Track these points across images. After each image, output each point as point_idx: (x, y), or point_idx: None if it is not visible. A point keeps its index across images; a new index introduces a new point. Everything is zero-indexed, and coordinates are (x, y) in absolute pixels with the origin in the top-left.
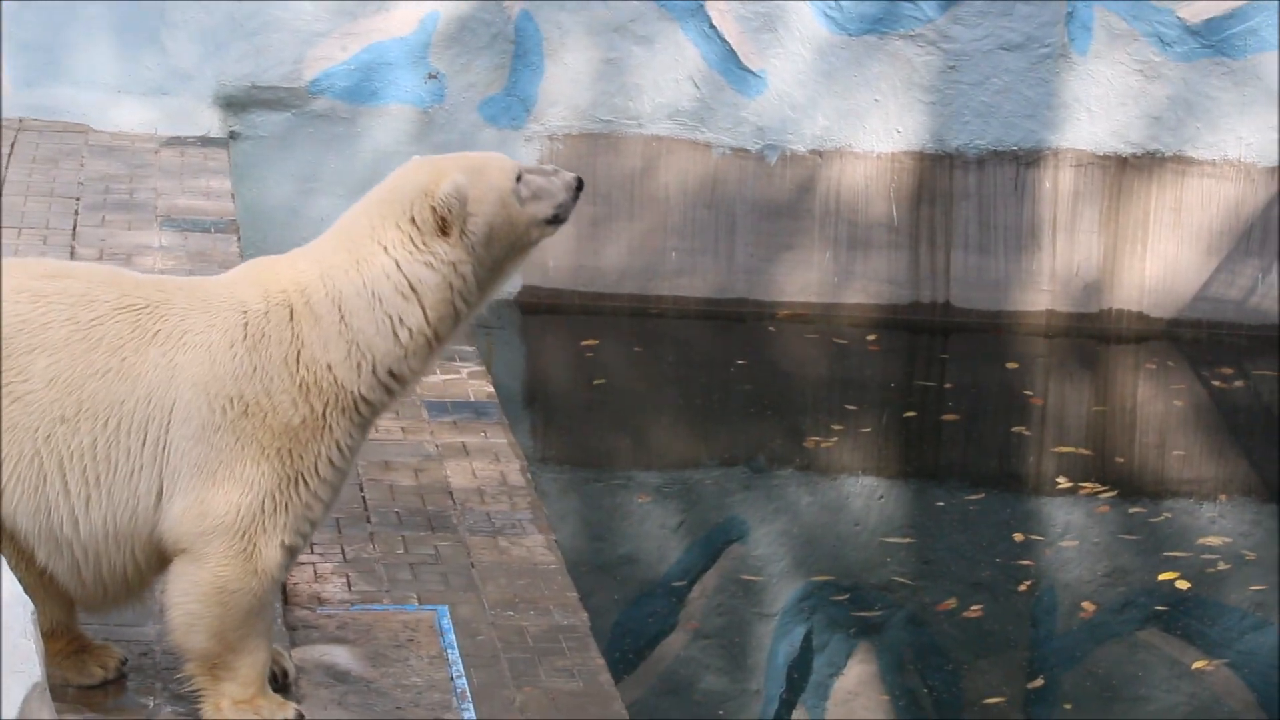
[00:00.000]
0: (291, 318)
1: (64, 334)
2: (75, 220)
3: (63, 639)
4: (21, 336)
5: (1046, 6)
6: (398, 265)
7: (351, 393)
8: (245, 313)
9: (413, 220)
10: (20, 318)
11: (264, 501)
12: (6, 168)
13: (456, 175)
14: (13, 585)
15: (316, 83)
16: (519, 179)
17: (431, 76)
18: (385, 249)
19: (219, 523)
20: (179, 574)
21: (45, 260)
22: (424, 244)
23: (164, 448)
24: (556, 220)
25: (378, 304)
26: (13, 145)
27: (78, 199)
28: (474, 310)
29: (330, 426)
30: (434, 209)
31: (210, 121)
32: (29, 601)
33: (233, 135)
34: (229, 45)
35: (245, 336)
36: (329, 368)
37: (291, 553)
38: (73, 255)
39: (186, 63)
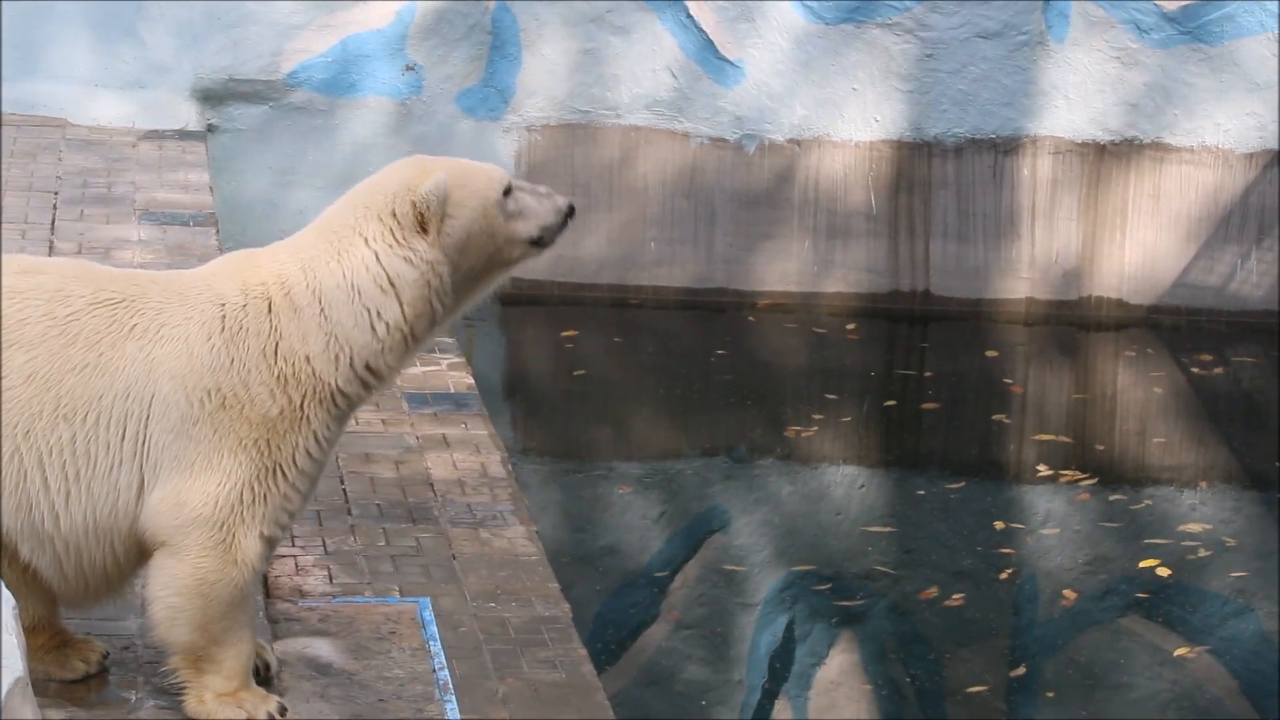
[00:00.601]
0: (270, 310)
1: (40, 330)
2: (54, 214)
3: (45, 634)
4: None
5: None
6: (377, 258)
7: (329, 385)
8: (223, 305)
9: (394, 214)
10: None
11: (241, 492)
12: None
13: (441, 174)
14: None
15: (294, 75)
16: (508, 193)
17: (409, 68)
18: (366, 241)
19: (196, 514)
20: (159, 567)
21: (16, 256)
22: (403, 239)
23: (143, 442)
24: (540, 243)
25: (357, 296)
26: None
27: (56, 193)
28: (451, 314)
29: (308, 418)
30: (414, 204)
31: (188, 115)
32: (10, 596)
33: (210, 128)
34: (206, 38)
35: (223, 329)
36: (307, 359)
37: (270, 543)
38: (51, 249)
39: (164, 56)
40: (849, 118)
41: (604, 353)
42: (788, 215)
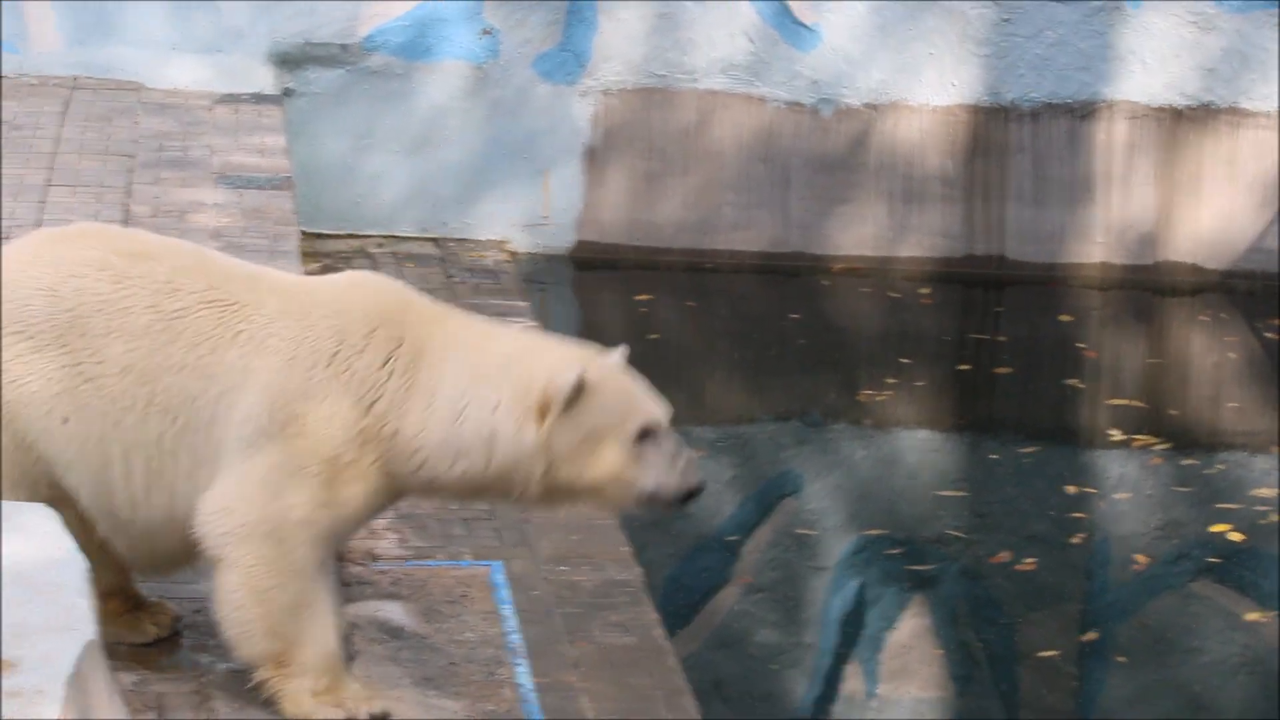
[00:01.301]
0: (385, 366)
1: (145, 321)
2: (130, 178)
3: (118, 598)
4: (100, 317)
5: None
6: (496, 409)
7: (395, 466)
8: (341, 341)
9: (529, 385)
10: (101, 297)
11: (289, 511)
12: (62, 126)
13: (586, 376)
14: (68, 544)
15: (370, 39)
16: (644, 435)
17: (486, 32)
18: (501, 386)
19: (241, 523)
20: (219, 586)
21: (129, 233)
22: (522, 412)
23: (221, 445)
24: (647, 500)
25: (460, 424)
26: (67, 104)
27: (132, 157)
28: (534, 501)
29: (370, 479)
30: (544, 388)
31: (264, 79)
32: (84, 560)
33: (287, 92)
34: (282, 2)
35: (330, 364)
36: (395, 433)
37: (318, 558)
38: (127, 214)
39: (240, 20)
40: (925, 82)
41: (679, 317)
42: (863, 179)
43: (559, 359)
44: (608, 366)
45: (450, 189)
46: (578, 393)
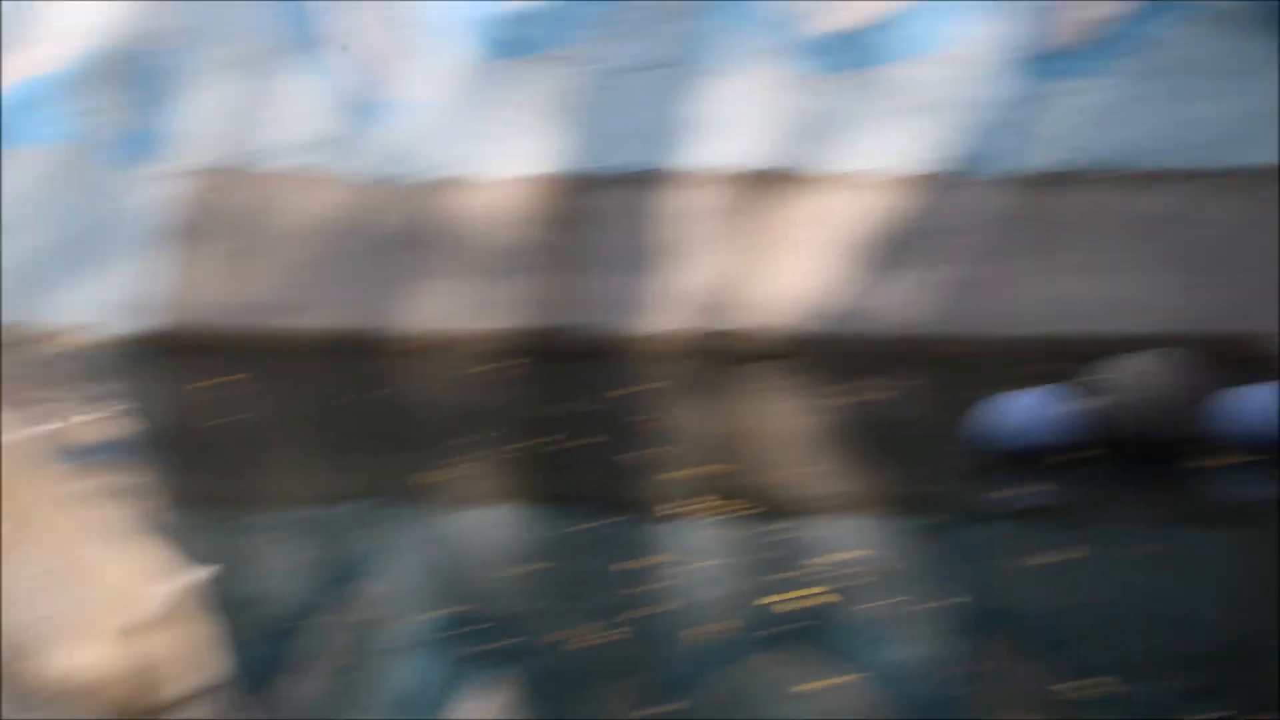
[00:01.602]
0: None
1: None
2: None
3: None
4: None
5: (683, 26)
6: (58, 618)
7: None
8: None
9: (99, 603)
10: None
11: None
12: None
13: (144, 620)
14: None
15: None
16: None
17: (68, 116)
18: (72, 597)
19: None
20: None
21: None
22: (81, 630)
23: None
24: None
25: (20, 616)
26: None
27: None
28: None
29: None
30: (106, 614)
31: None
32: None
33: None
34: None
35: None
36: None
37: None
38: None
39: None
40: (507, 153)
41: (254, 399)
42: (443, 254)
43: (135, 586)
44: (175, 609)
45: (34, 275)
46: (133, 634)
